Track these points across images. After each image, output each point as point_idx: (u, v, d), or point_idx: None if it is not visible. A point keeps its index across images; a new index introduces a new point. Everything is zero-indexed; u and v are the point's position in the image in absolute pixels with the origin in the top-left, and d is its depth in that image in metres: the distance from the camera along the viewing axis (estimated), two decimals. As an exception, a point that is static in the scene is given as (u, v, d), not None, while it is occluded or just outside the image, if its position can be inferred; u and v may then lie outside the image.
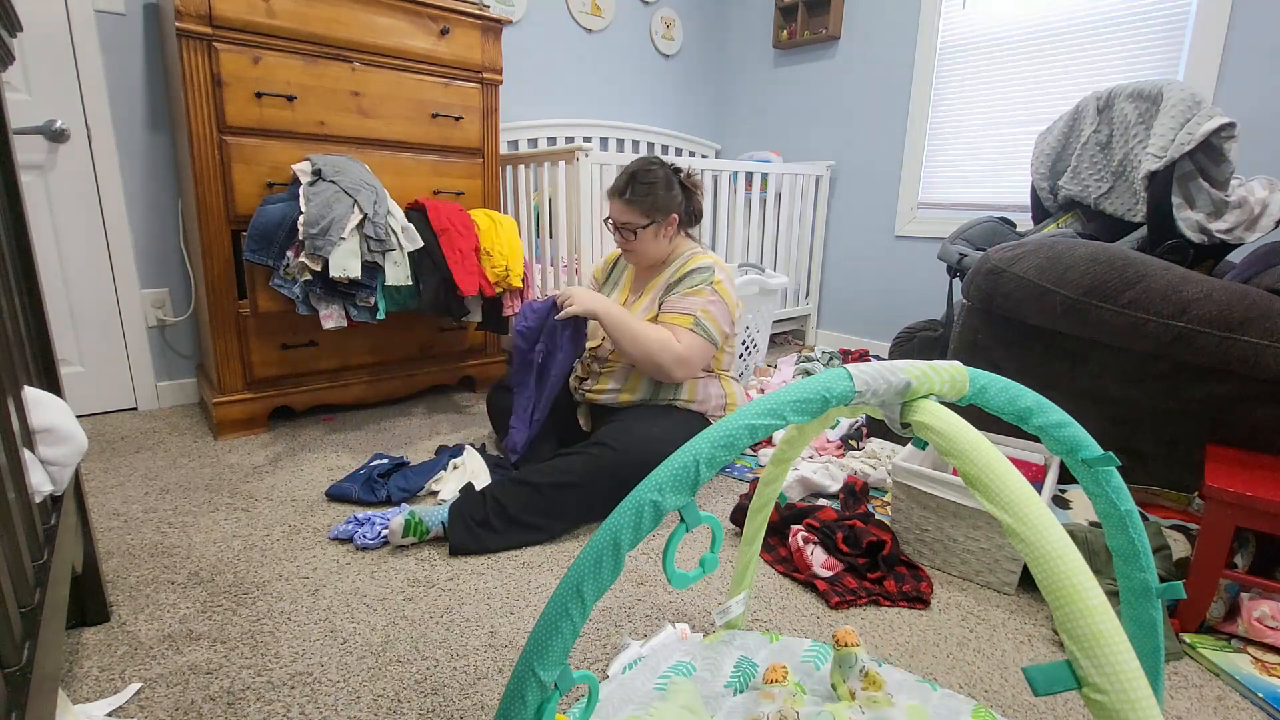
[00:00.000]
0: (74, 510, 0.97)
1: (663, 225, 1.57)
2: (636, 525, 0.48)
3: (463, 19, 2.06)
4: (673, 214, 1.57)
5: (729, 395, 1.67)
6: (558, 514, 1.37)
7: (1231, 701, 0.97)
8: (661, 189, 1.54)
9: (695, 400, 1.59)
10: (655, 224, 1.55)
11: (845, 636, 0.88)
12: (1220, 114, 1.45)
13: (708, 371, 1.63)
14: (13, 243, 0.91)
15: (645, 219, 1.54)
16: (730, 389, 1.68)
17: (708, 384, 1.62)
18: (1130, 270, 1.35)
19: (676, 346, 1.47)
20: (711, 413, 1.62)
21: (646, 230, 1.56)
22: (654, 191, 1.53)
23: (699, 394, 1.59)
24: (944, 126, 2.82)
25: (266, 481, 1.62)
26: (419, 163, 2.07)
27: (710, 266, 1.56)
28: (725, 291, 1.56)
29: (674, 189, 1.56)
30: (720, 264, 1.58)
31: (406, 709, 0.92)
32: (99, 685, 0.95)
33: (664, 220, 1.56)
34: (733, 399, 1.67)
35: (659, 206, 1.54)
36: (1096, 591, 0.44)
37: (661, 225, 1.57)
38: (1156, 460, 1.40)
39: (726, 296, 1.57)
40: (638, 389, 1.58)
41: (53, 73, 1.84)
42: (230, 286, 1.83)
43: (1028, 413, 0.67)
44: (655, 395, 1.58)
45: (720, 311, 1.54)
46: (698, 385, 1.60)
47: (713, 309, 1.53)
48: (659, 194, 1.54)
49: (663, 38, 3.38)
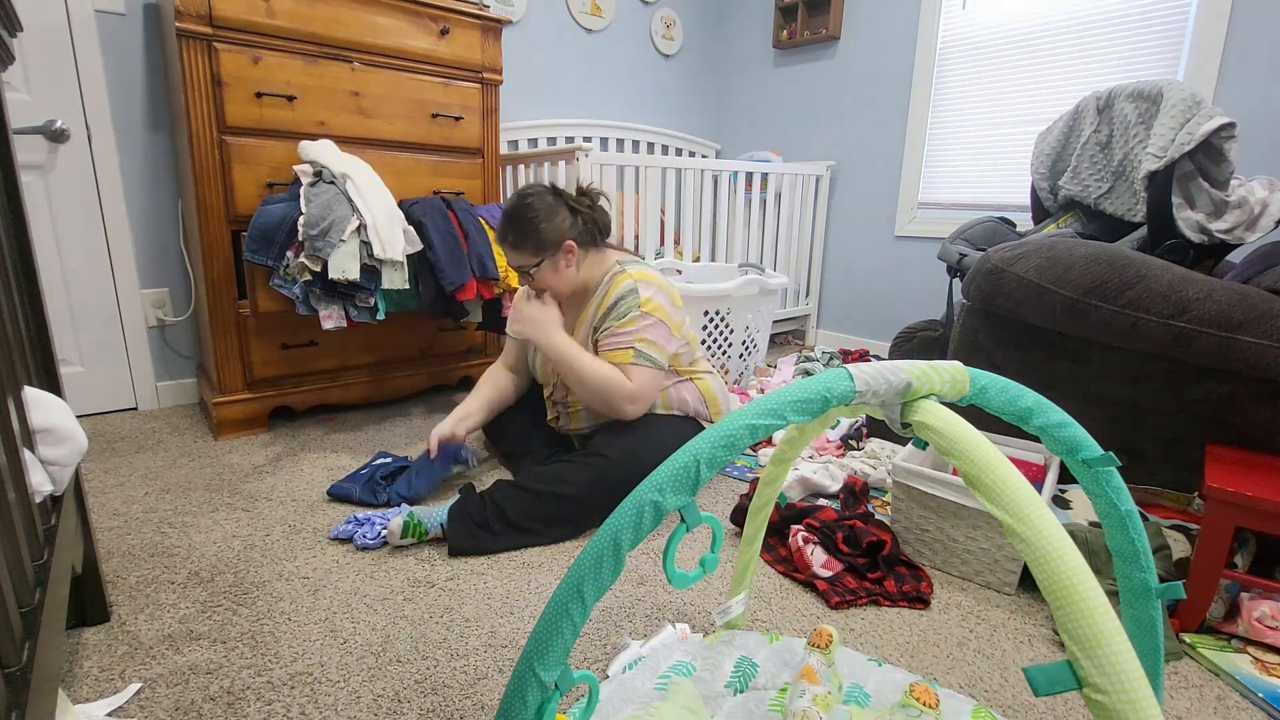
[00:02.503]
0: (74, 510, 0.97)
1: (557, 257, 1.46)
2: (637, 525, 0.48)
3: (463, 19, 2.06)
4: (565, 240, 1.46)
5: (706, 392, 1.61)
6: (555, 521, 1.37)
7: (1231, 701, 0.97)
8: (542, 221, 1.43)
9: (673, 408, 1.56)
10: (548, 258, 1.46)
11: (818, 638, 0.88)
12: (1220, 114, 1.45)
13: (673, 376, 1.57)
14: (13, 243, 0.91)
15: (534, 258, 1.45)
16: (705, 386, 1.61)
17: (679, 389, 1.57)
18: (1130, 270, 1.35)
19: (627, 385, 1.42)
20: (696, 413, 1.59)
21: (541, 268, 1.46)
22: (534, 227, 1.43)
23: (674, 401, 1.56)
24: (944, 126, 2.82)
25: (266, 481, 1.62)
26: (419, 163, 2.07)
27: (633, 289, 1.45)
28: (656, 307, 1.46)
29: (558, 215, 1.45)
30: (644, 277, 1.48)
31: (406, 709, 0.92)
32: (99, 685, 0.95)
33: (556, 252, 1.46)
34: (711, 395, 1.61)
35: (545, 242, 1.44)
36: (1097, 591, 0.44)
37: (556, 257, 1.46)
38: (1156, 460, 1.40)
39: (659, 311, 1.46)
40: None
41: (53, 73, 1.84)
42: (230, 286, 1.83)
43: (1028, 413, 0.67)
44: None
45: (659, 333, 1.46)
46: (669, 393, 1.55)
47: (649, 333, 1.44)
48: (540, 228, 1.43)
49: (663, 38, 3.38)
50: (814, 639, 0.88)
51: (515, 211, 1.45)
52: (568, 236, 1.46)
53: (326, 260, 1.60)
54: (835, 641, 0.88)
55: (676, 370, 1.59)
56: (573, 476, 1.38)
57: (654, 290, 1.47)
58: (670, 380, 1.57)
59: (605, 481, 1.37)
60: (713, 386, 1.63)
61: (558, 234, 1.45)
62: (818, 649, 0.86)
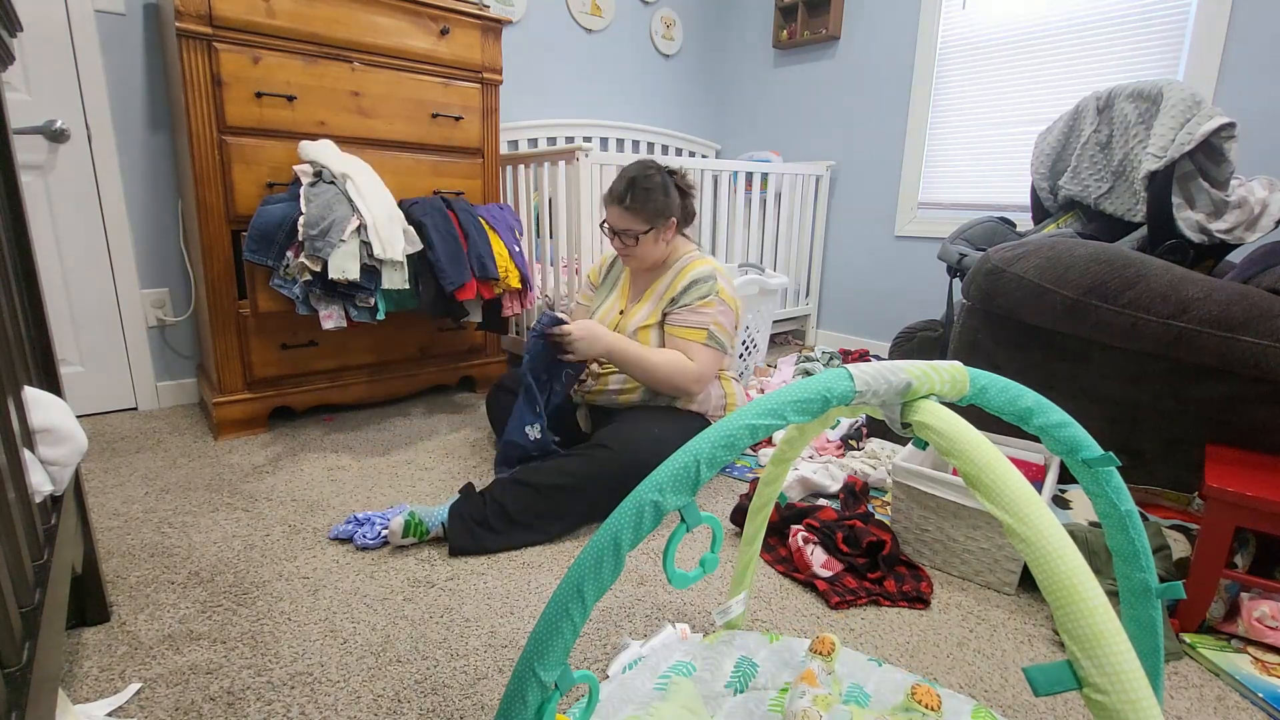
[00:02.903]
0: (74, 510, 0.97)
1: (662, 230, 1.57)
2: (637, 525, 0.48)
3: (463, 19, 2.06)
4: (671, 218, 1.57)
5: (729, 395, 1.67)
6: (557, 515, 1.37)
7: (1231, 701, 0.97)
8: (659, 194, 1.53)
9: (696, 401, 1.59)
10: (655, 229, 1.55)
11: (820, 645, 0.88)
12: (1220, 114, 1.45)
13: None
14: (13, 243, 0.91)
15: (646, 225, 1.54)
16: (730, 389, 1.68)
17: (709, 385, 1.62)
18: (1130, 270, 1.35)
19: (690, 366, 1.50)
20: (712, 413, 1.62)
21: (647, 236, 1.55)
22: (653, 197, 1.52)
23: (700, 396, 1.59)
24: (944, 126, 2.82)
25: (266, 481, 1.62)
26: (419, 163, 2.07)
27: (712, 274, 1.56)
28: (729, 298, 1.59)
29: (671, 192, 1.56)
30: (719, 269, 1.60)
31: (406, 709, 0.92)
32: (99, 685, 0.95)
33: (664, 225, 1.56)
34: (733, 398, 1.68)
35: (659, 211, 1.54)
36: (1097, 591, 0.44)
37: (661, 230, 1.57)
38: (1156, 460, 1.40)
39: (731, 302, 1.59)
40: (637, 390, 1.58)
41: (53, 73, 1.84)
42: (230, 286, 1.83)
43: (1028, 413, 0.67)
44: (654, 396, 1.58)
45: (729, 320, 1.58)
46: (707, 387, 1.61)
47: (723, 319, 1.56)
48: (658, 199, 1.53)
49: (663, 38, 3.38)
50: (816, 645, 0.88)
51: (641, 179, 1.53)
52: (673, 214, 1.57)
53: (326, 260, 1.60)
54: (838, 649, 0.88)
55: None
56: (574, 469, 1.38)
57: (727, 284, 1.60)
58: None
59: (605, 472, 1.38)
60: (736, 390, 1.70)
61: (669, 209, 1.56)
62: (819, 655, 0.86)
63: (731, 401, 1.67)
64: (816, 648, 0.87)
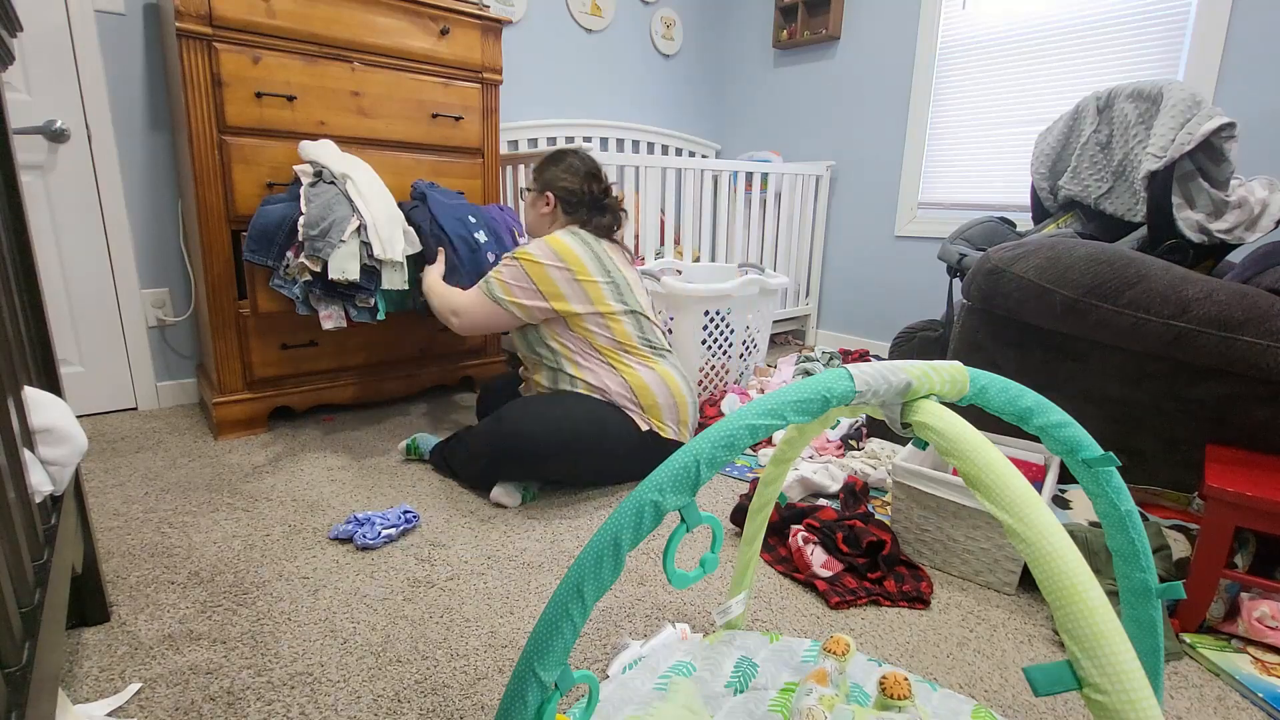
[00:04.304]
0: (74, 510, 0.97)
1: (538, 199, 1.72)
2: (637, 525, 0.48)
3: (463, 19, 2.06)
4: (548, 193, 1.70)
5: (635, 386, 1.58)
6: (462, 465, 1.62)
7: (1231, 701, 0.97)
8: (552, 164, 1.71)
9: (595, 389, 1.58)
10: (534, 193, 1.73)
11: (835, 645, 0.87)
12: (1220, 114, 1.45)
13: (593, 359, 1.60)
14: (13, 243, 0.91)
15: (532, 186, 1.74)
16: (634, 377, 1.59)
17: (601, 375, 1.58)
18: (1130, 270, 1.35)
19: (454, 299, 1.66)
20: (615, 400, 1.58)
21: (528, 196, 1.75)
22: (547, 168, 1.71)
23: (594, 382, 1.58)
24: (944, 126, 2.82)
25: (266, 481, 1.62)
26: (419, 163, 2.07)
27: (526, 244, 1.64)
28: (525, 254, 1.60)
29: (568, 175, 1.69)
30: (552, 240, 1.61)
31: (406, 709, 0.92)
32: (99, 685, 0.95)
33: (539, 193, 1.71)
34: (641, 387, 1.59)
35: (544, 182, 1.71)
36: (1097, 591, 0.44)
37: (537, 198, 1.72)
38: (1156, 460, 1.40)
39: (523, 256, 1.59)
40: (540, 380, 1.69)
41: (53, 73, 1.84)
42: (230, 286, 1.83)
43: (1028, 413, 0.67)
44: (555, 384, 1.64)
45: (513, 274, 1.59)
46: (588, 380, 1.58)
47: (505, 273, 1.60)
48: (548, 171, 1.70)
49: (663, 38, 3.38)
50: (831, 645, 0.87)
51: (555, 153, 1.74)
52: (554, 192, 1.70)
53: (326, 260, 1.60)
54: (852, 651, 0.88)
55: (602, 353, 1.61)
56: (476, 430, 1.60)
57: (537, 245, 1.62)
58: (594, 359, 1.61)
59: (491, 436, 1.52)
60: (645, 379, 1.60)
61: (552, 183, 1.70)
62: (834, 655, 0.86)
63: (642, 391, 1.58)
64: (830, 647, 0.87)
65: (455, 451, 1.64)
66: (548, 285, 1.58)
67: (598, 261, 1.62)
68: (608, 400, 1.58)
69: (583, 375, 1.59)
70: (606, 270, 1.63)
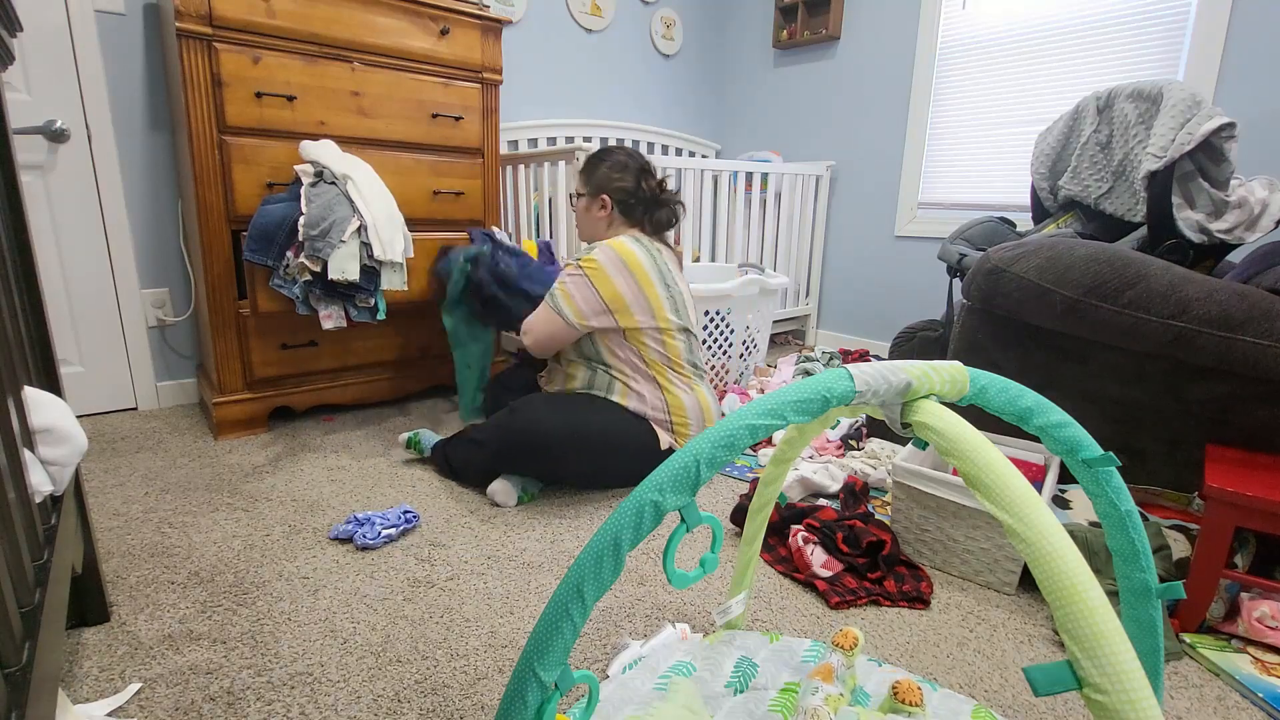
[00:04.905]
0: (74, 510, 0.97)
1: (593, 202, 1.66)
2: (637, 525, 0.48)
3: (463, 19, 2.06)
4: (604, 195, 1.64)
5: (673, 406, 1.58)
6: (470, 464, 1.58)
7: (1231, 701, 0.97)
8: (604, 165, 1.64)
9: (629, 403, 1.55)
10: (587, 198, 1.66)
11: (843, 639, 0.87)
12: (1220, 114, 1.45)
13: (640, 371, 1.58)
14: (13, 242, 0.91)
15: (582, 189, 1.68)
16: (676, 399, 1.58)
17: (641, 386, 1.57)
18: (1130, 270, 1.35)
19: (528, 319, 1.62)
20: (650, 415, 1.57)
21: (581, 201, 1.68)
22: (599, 169, 1.64)
23: (631, 397, 1.56)
24: (944, 126, 2.82)
25: (266, 481, 1.62)
26: (419, 163, 2.07)
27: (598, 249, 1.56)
28: (591, 264, 1.53)
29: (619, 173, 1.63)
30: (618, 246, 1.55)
31: (406, 709, 0.92)
32: (99, 685, 0.95)
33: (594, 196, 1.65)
34: (678, 408, 1.58)
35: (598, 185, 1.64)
36: (1097, 591, 0.44)
37: (592, 202, 1.66)
38: (1156, 460, 1.40)
39: (590, 266, 1.53)
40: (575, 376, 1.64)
41: (53, 73, 1.84)
42: (230, 286, 1.83)
43: (1028, 413, 0.67)
44: (590, 385, 1.60)
45: (578, 287, 1.53)
46: (628, 386, 1.56)
47: (570, 283, 1.55)
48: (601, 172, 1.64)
49: (663, 38, 3.38)
50: (839, 639, 0.87)
51: (601, 152, 1.68)
52: (609, 194, 1.64)
53: (326, 261, 1.60)
54: (860, 645, 0.87)
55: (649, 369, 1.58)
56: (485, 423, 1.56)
57: (604, 252, 1.55)
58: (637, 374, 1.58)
59: (503, 426, 1.50)
60: (685, 402, 1.60)
61: (605, 185, 1.64)
62: (841, 649, 0.86)
63: (679, 413, 1.58)
64: (839, 641, 0.87)
65: (457, 447, 1.61)
66: (614, 298, 1.53)
67: (659, 273, 1.59)
68: (636, 411, 1.56)
69: (624, 380, 1.57)
70: (666, 284, 1.60)
